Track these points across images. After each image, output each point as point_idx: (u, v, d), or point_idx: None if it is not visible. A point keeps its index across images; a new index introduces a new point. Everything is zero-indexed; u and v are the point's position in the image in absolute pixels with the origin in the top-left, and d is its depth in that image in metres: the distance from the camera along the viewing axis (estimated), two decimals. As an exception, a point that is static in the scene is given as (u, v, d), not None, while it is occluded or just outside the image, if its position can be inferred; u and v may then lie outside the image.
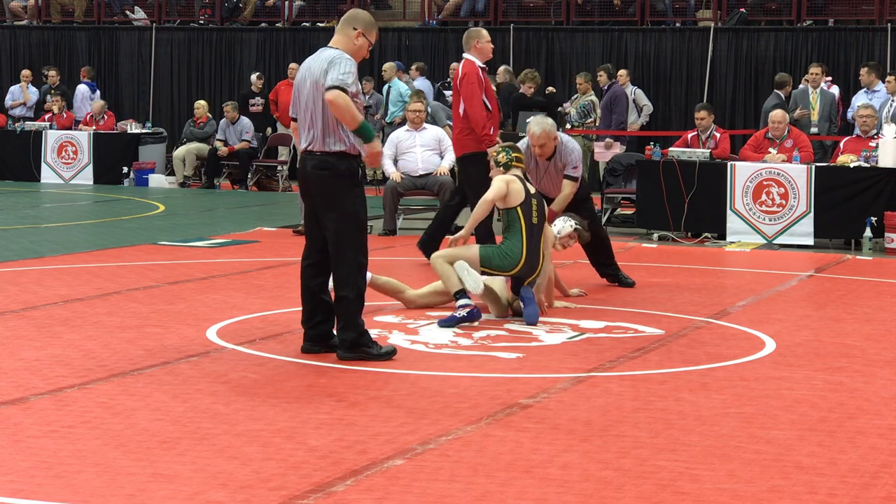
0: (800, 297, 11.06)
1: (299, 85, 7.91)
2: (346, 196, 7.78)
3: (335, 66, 7.63)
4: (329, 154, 7.75)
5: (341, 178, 7.77)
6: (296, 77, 8.05)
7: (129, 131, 22.80)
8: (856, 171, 14.51)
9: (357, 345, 7.81)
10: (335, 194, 7.78)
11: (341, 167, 7.76)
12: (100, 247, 13.54)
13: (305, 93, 7.83)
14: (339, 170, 7.76)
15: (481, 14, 24.70)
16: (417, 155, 15.34)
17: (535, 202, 9.44)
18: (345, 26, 7.94)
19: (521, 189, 9.40)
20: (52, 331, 8.65)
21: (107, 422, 6.25)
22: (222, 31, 25.87)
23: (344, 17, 8.04)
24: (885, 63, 20.82)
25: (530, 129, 10.83)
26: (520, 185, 9.41)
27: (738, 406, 6.83)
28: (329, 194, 7.78)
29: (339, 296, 7.85)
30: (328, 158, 7.76)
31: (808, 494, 5.28)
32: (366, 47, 7.97)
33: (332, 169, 7.76)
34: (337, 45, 7.90)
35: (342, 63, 7.65)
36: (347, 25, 7.93)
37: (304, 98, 7.84)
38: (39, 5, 27.57)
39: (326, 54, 7.80)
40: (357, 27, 7.91)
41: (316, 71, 7.77)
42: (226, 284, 10.87)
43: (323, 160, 7.77)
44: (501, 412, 6.58)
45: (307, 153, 7.84)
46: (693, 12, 23.92)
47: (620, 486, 5.35)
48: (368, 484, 5.32)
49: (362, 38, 7.93)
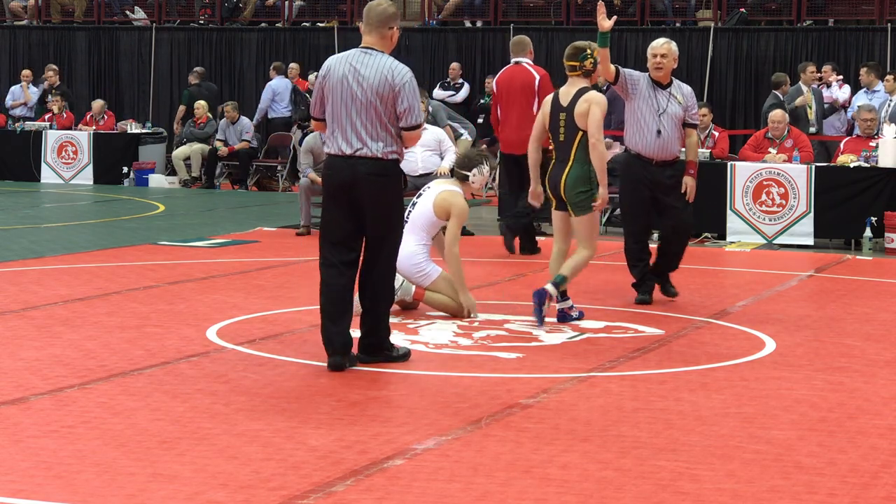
0: (800, 297, 11.06)
1: (334, 86, 7.60)
2: (396, 200, 7.74)
3: (403, 90, 7.56)
4: (385, 161, 7.58)
5: (396, 184, 7.70)
6: (328, 75, 7.67)
7: (129, 131, 22.80)
8: (856, 171, 14.51)
9: (381, 349, 7.76)
10: (387, 201, 7.66)
11: (396, 173, 7.67)
12: (100, 247, 13.54)
13: (348, 96, 7.55)
14: (395, 176, 7.67)
15: (480, 14, 24.70)
16: (417, 155, 15.33)
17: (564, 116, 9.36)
18: (379, 27, 7.71)
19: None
20: (52, 331, 8.65)
21: (107, 422, 6.25)
22: (222, 31, 25.87)
23: (370, 16, 7.74)
24: (885, 63, 20.82)
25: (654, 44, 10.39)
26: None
27: (738, 406, 6.83)
28: (381, 201, 7.63)
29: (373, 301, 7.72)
30: (385, 165, 7.59)
31: (808, 494, 5.28)
32: (397, 37, 7.87)
33: (389, 175, 7.62)
34: (377, 46, 7.71)
35: (410, 85, 7.58)
36: (382, 26, 7.72)
37: (348, 100, 7.56)
38: (39, 5, 27.56)
39: (382, 62, 7.60)
40: (393, 25, 7.77)
41: (371, 78, 7.53)
42: (226, 284, 10.87)
43: (380, 166, 7.58)
44: (501, 412, 6.58)
45: (354, 158, 7.56)
46: (693, 12, 23.91)
47: (620, 486, 5.35)
48: (368, 484, 5.32)
49: (396, 31, 7.84)
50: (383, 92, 7.53)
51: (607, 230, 15.76)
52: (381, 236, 7.69)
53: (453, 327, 9.03)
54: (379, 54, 7.67)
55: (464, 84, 23.01)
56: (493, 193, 19.74)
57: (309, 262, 12.60)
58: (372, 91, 7.53)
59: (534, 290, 9.17)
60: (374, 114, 7.53)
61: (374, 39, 7.73)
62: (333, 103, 7.63)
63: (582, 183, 9.20)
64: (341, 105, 7.60)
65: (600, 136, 9.21)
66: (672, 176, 10.22)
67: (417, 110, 7.59)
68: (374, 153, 7.54)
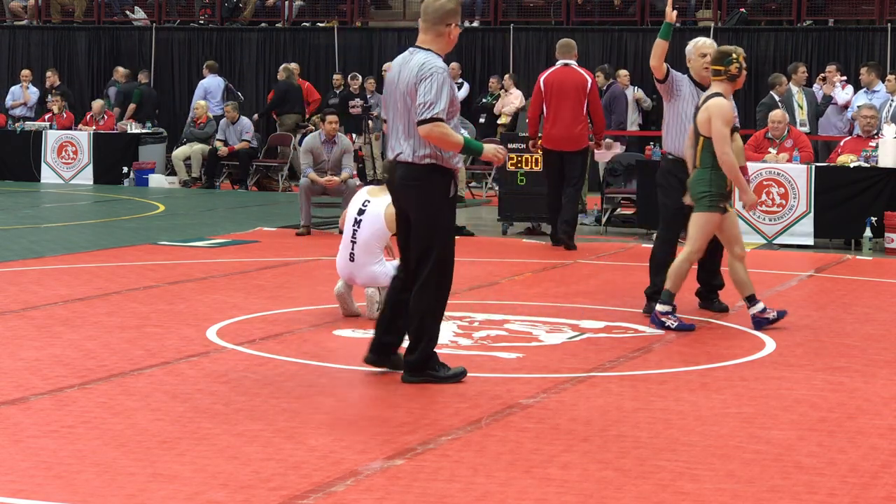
0: (800, 297, 11.05)
1: (389, 87, 7.39)
2: (435, 210, 7.22)
3: (423, 84, 7.13)
4: (417, 166, 7.20)
5: (431, 192, 7.21)
6: (387, 76, 7.52)
7: (129, 131, 22.80)
8: (856, 171, 14.51)
9: (424, 367, 7.30)
10: (424, 208, 7.22)
11: (431, 180, 7.19)
12: (100, 247, 13.54)
13: (394, 100, 7.31)
14: (429, 183, 7.20)
15: (481, 14, 24.71)
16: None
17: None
18: (437, 24, 7.33)
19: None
20: (52, 331, 8.65)
21: (107, 422, 6.25)
22: (222, 31, 25.87)
23: (427, 13, 7.35)
24: (885, 63, 20.82)
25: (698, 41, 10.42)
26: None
27: (738, 406, 6.83)
28: (418, 207, 7.23)
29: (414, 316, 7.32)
30: (418, 170, 7.20)
31: (808, 494, 5.28)
32: (456, 34, 7.42)
33: (421, 181, 7.19)
34: (430, 44, 7.35)
35: (432, 79, 7.13)
36: (440, 23, 7.32)
37: (393, 104, 7.32)
38: (39, 5, 27.56)
39: (417, 59, 7.25)
40: (451, 22, 7.33)
41: (405, 79, 7.24)
42: (226, 284, 10.87)
43: (412, 171, 7.22)
44: (501, 412, 6.58)
45: (394, 163, 7.31)
46: (693, 12, 23.91)
47: (620, 486, 5.35)
48: (368, 484, 5.32)
49: (454, 28, 7.40)
50: (412, 90, 7.18)
51: (607, 230, 15.75)
52: (421, 247, 7.23)
53: (453, 327, 9.03)
54: (420, 52, 7.28)
55: (463, 84, 23.01)
56: (493, 194, 19.76)
57: (309, 263, 12.60)
58: (405, 91, 7.22)
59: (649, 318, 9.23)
60: (408, 116, 7.21)
61: (429, 38, 7.35)
62: (385, 106, 7.46)
63: (701, 184, 9.26)
64: (387, 108, 7.39)
65: (725, 148, 9.07)
66: None
67: (437, 106, 7.08)
68: (407, 158, 7.21)
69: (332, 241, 14.49)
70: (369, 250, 9.25)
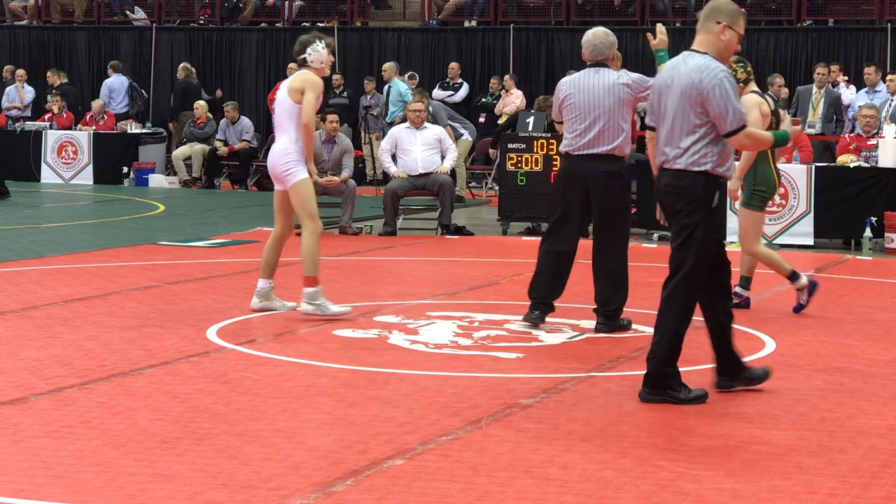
0: (800, 297, 11.03)
1: (662, 91, 7.04)
2: (696, 220, 6.88)
3: (714, 92, 6.76)
4: (686, 173, 6.90)
5: (695, 201, 6.87)
6: (656, 82, 7.20)
7: (129, 131, 22.80)
8: (856, 171, 14.51)
9: (663, 385, 6.95)
10: (686, 216, 6.90)
11: (697, 188, 6.86)
12: (100, 247, 13.54)
13: (671, 103, 6.95)
14: (694, 191, 6.87)
15: (480, 14, 24.70)
16: (417, 154, 15.34)
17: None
18: (706, 22, 6.98)
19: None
20: (52, 331, 8.65)
21: (107, 422, 6.25)
22: (222, 31, 25.86)
23: (704, 11, 7.03)
24: (885, 63, 20.82)
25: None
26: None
27: (738, 406, 6.83)
28: (681, 215, 6.92)
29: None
30: (686, 177, 6.90)
31: (808, 494, 5.28)
32: (735, 41, 7.00)
33: (686, 189, 6.88)
34: (701, 46, 6.97)
35: (722, 86, 6.77)
36: (710, 20, 6.96)
37: (669, 109, 6.96)
38: (39, 5, 27.56)
39: (694, 62, 6.88)
40: (721, 20, 6.94)
41: (681, 83, 6.88)
42: (226, 284, 10.87)
43: (680, 178, 6.92)
44: (501, 412, 6.58)
45: (662, 168, 7.02)
46: (693, 12, 23.89)
47: (620, 486, 5.35)
48: (368, 484, 5.32)
49: (729, 31, 6.96)
50: (690, 94, 6.85)
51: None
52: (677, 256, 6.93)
53: (453, 327, 9.03)
54: (694, 55, 6.94)
55: (463, 84, 23.01)
56: (493, 194, 19.76)
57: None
58: (681, 96, 6.89)
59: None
60: (682, 121, 6.89)
61: (701, 38, 6.99)
62: (655, 109, 7.14)
63: (749, 181, 9.76)
64: (654, 113, 7.13)
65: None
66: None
67: (732, 115, 6.78)
68: (676, 164, 6.91)
69: (332, 241, 14.50)
70: (281, 128, 9.50)
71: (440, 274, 12.13)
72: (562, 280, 9.14)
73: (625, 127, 8.94)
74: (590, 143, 8.94)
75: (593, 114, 8.93)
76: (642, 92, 8.91)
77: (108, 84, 24.32)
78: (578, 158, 8.98)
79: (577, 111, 8.99)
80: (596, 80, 9.00)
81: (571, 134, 9.02)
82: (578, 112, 8.98)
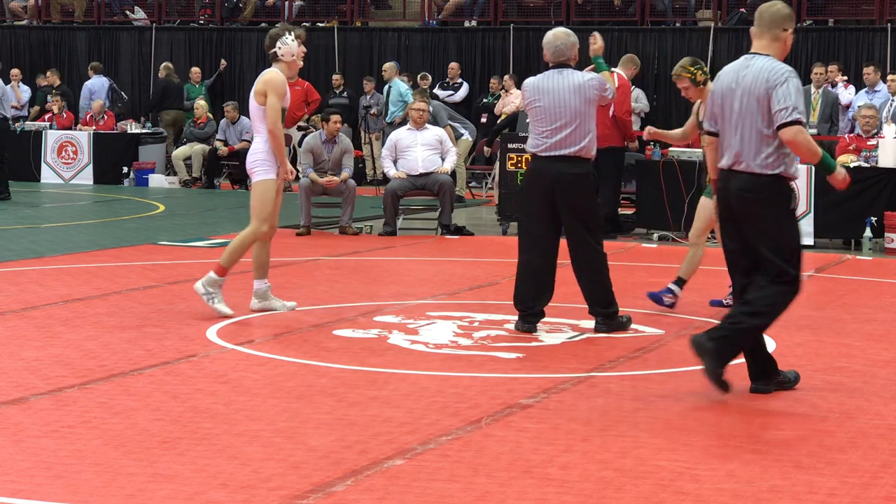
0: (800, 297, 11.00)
1: (725, 96, 7.08)
2: (781, 224, 6.99)
3: (779, 89, 6.87)
4: (760, 177, 6.93)
5: (775, 205, 6.95)
6: (717, 87, 7.19)
7: (129, 131, 22.80)
8: (856, 171, 14.49)
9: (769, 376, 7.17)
10: (769, 222, 6.97)
11: (773, 191, 6.95)
12: (100, 247, 13.55)
13: (738, 107, 7.00)
14: (771, 195, 6.95)
15: (480, 14, 24.71)
16: (418, 154, 15.34)
17: None
18: (773, 28, 7.10)
19: None
20: (52, 331, 8.65)
21: (107, 422, 6.25)
22: (222, 31, 25.87)
23: (767, 17, 7.13)
24: (885, 63, 20.83)
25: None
26: None
27: (738, 406, 6.83)
28: (762, 221, 6.97)
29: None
30: (760, 181, 6.93)
31: (808, 494, 5.28)
32: (791, 41, 7.21)
33: (763, 193, 6.94)
34: (763, 50, 7.08)
35: (788, 84, 6.90)
36: (776, 27, 7.10)
37: (736, 112, 7.00)
38: (39, 5, 27.56)
39: (759, 64, 7.00)
40: (788, 27, 7.13)
41: (747, 85, 6.97)
42: (226, 284, 10.86)
43: (753, 182, 6.94)
44: (501, 412, 6.58)
45: (731, 171, 7.03)
46: (693, 12, 23.92)
47: (620, 486, 5.35)
48: (368, 484, 5.32)
49: (791, 36, 7.22)
50: (759, 95, 6.92)
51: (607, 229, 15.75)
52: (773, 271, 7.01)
53: (453, 327, 9.03)
54: (761, 57, 7.05)
55: (462, 84, 23.02)
56: (493, 193, 19.76)
57: (308, 262, 12.61)
58: (749, 97, 6.96)
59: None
60: (751, 123, 6.96)
61: (765, 43, 7.11)
62: (715, 114, 7.18)
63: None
64: (716, 117, 7.16)
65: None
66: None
67: (798, 110, 6.88)
68: (749, 167, 6.94)
69: (332, 241, 14.51)
70: (255, 129, 9.52)
71: (440, 274, 12.13)
72: (544, 287, 9.04)
73: (591, 128, 8.93)
74: (557, 145, 8.90)
75: (560, 116, 8.90)
76: (605, 93, 8.98)
77: (89, 86, 24.37)
78: (545, 160, 8.95)
79: (542, 114, 8.95)
80: (561, 82, 8.98)
81: (538, 135, 9.00)
82: (544, 115, 8.95)
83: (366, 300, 10.27)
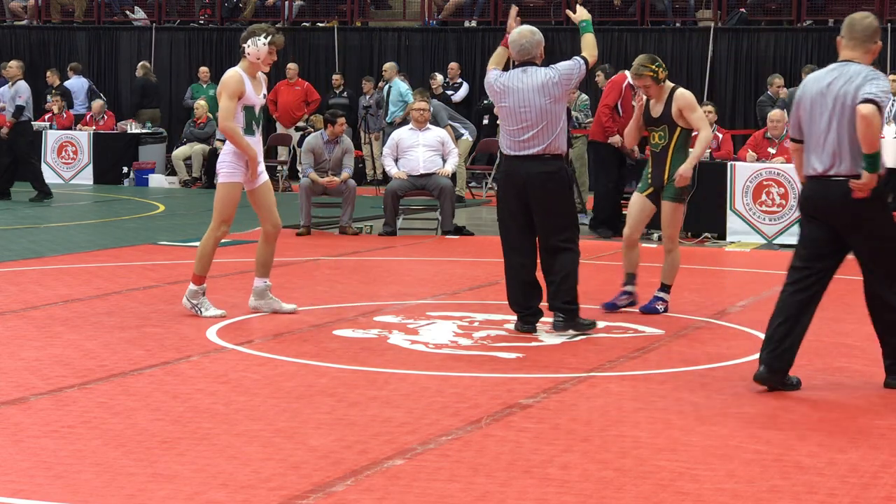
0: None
1: (815, 101, 7.21)
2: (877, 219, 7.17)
3: (871, 81, 7.04)
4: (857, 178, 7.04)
5: (871, 202, 7.08)
6: (804, 94, 7.33)
7: (129, 131, 22.80)
8: (856, 171, 14.50)
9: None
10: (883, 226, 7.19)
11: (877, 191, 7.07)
12: (100, 247, 13.55)
13: (830, 112, 7.12)
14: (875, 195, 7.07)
15: (480, 14, 24.70)
16: (419, 154, 15.34)
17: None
18: (866, 42, 7.31)
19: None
20: (52, 331, 8.65)
21: (107, 422, 6.25)
22: (222, 31, 25.86)
23: (859, 30, 7.34)
24: (886, 63, 20.83)
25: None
26: None
27: (738, 406, 6.83)
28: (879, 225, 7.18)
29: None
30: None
31: (808, 494, 5.28)
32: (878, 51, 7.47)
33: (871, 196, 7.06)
34: (859, 60, 7.27)
35: (881, 80, 7.08)
36: (869, 41, 7.30)
37: (827, 118, 7.13)
38: (39, 5, 27.56)
39: (855, 68, 7.17)
40: (878, 40, 7.37)
41: (840, 86, 7.13)
42: (226, 284, 10.87)
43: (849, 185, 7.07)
44: (501, 412, 6.58)
45: (826, 178, 7.14)
46: (693, 12, 23.92)
47: (620, 486, 5.35)
48: (368, 484, 5.32)
49: (879, 45, 7.46)
50: (856, 96, 7.01)
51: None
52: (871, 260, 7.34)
53: (453, 327, 9.03)
54: (855, 65, 7.22)
55: (462, 84, 23.02)
56: (493, 194, 19.75)
57: (309, 262, 12.61)
58: (844, 103, 7.08)
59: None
60: (848, 128, 7.05)
61: (857, 54, 7.28)
62: (798, 123, 7.33)
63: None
64: (804, 123, 7.28)
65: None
66: None
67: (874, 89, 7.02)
68: (851, 171, 7.06)
69: (332, 241, 14.51)
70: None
71: (440, 274, 12.13)
72: (531, 286, 9.00)
73: (559, 125, 8.93)
74: (525, 145, 8.89)
75: (526, 116, 8.89)
76: (572, 81, 8.98)
77: (67, 86, 24.39)
78: (516, 160, 8.95)
79: (508, 114, 8.96)
80: (525, 81, 8.97)
81: (507, 135, 9.01)
82: (510, 115, 8.95)
83: (366, 300, 10.27)
